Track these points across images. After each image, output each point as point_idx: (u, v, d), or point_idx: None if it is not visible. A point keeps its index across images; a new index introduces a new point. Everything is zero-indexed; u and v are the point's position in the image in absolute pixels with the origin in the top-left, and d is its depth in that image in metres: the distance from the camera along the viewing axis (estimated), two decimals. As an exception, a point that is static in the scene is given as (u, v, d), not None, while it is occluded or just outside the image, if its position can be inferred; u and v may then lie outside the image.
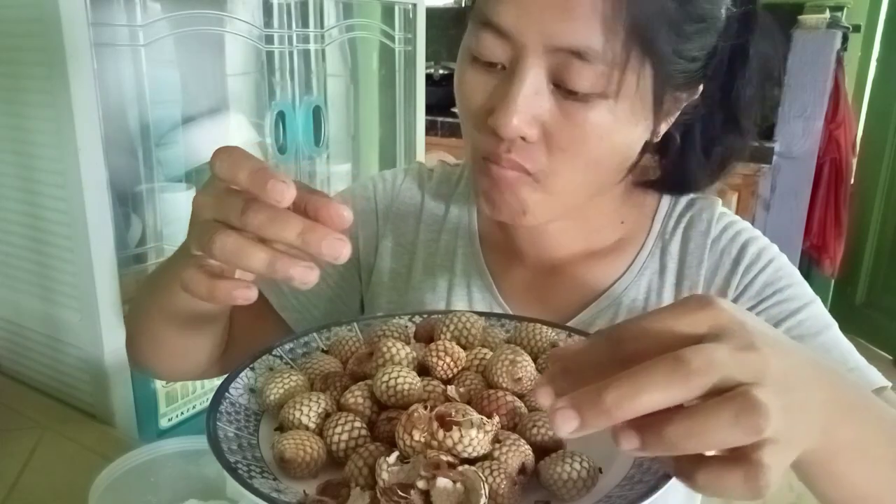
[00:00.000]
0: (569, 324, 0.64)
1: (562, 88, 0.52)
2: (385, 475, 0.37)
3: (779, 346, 0.35)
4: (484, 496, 0.36)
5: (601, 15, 0.49)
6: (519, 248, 0.69)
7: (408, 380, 0.44)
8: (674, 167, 0.65)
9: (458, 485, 0.36)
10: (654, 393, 0.31)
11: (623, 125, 0.54)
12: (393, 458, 0.38)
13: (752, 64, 0.58)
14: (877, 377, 0.60)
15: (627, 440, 0.32)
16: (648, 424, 0.32)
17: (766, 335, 0.34)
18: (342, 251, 0.39)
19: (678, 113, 0.58)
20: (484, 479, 0.37)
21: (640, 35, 0.50)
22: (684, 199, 0.69)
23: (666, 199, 0.69)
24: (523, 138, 0.53)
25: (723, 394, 0.32)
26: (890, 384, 0.59)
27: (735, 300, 0.63)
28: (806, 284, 0.64)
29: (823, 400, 0.37)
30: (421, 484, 0.36)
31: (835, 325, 0.62)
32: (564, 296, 0.66)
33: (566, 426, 0.32)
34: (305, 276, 0.39)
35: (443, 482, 0.36)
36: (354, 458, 0.40)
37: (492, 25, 0.52)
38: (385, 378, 0.44)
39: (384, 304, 0.72)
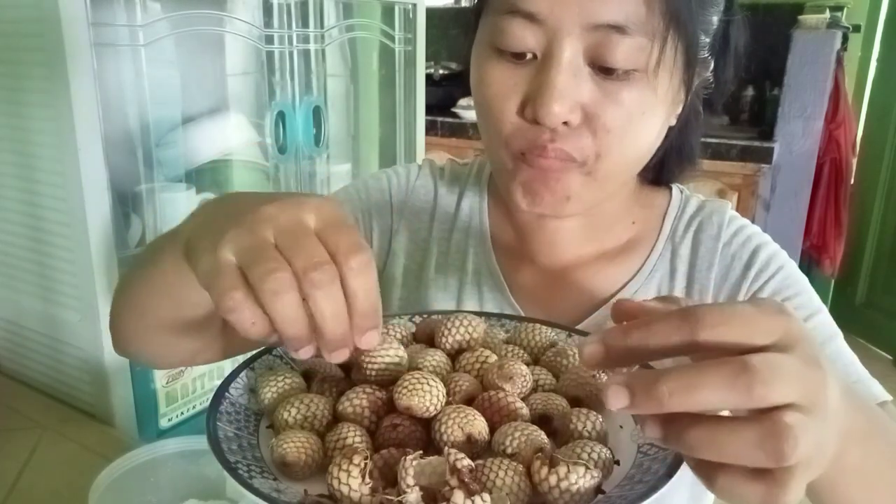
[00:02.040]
0: (580, 325, 0.64)
1: (599, 68, 0.51)
2: (409, 479, 0.36)
3: (832, 368, 0.34)
4: None
5: None
6: (530, 248, 0.68)
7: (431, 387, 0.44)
8: (665, 153, 0.65)
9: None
10: (712, 393, 0.31)
11: (662, 102, 0.54)
12: (416, 456, 0.37)
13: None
14: (879, 391, 0.59)
15: (652, 429, 0.33)
16: (674, 419, 0.32)
17: (824, 354, 0.34)
18: (340, 360, 0.39)
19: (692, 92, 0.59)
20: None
21: (674, 4, 0.50)
22: (694, 201, 0.69)
23: (676, 200, 0.69)
24: (566, 124, 0.52)
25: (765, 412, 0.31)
26: (891, 398, 0.59)
27: None
28: (813, 292, 0.63)
29: (845, 429, 0.36)
30: (453, 481, 0.36)
31: (840, 334, 0.61)
32: (576, 297, 0.66)
33: (616, 402, 0.32)
34: (305, 355, 0.38)
35: (459, 498, 0.35)
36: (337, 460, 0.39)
37: (521, 12, 0.51)
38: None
39: (395, 300, 0.72)
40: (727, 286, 0.64)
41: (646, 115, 0.53)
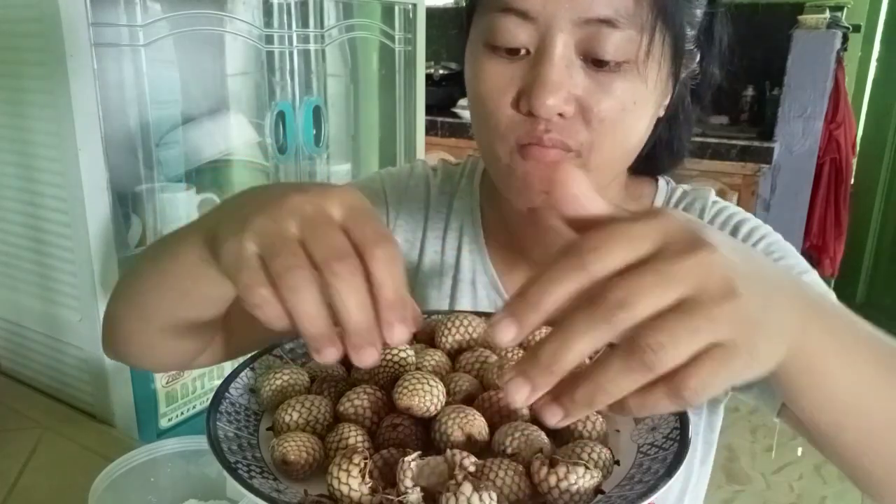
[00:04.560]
0: None
1: (591, 60, 0.52)
2: (408, 481, 0.36)
3: (727, 244, 0.33)
4: None
5: None
6: (524, 245, 0.69)
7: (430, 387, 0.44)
8: (654, 146, 0.65)
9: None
10: (582, 340, 0.31)
11: (652, 93, 0.55)
12: (416, 456, 0.37)
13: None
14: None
15: (552, 414, 0.33)
16: (560, 393, 0.33)
17: (712, 234, 0.33)
18: (369, 361, 0.36)
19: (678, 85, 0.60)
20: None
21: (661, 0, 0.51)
22: (679, 191, 0.71)
23: (662, 190, 0.70)
24: (561, 115, 0.53)
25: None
26: None
27: None
28: (800, 257, 0.64)
29: (791, 301, 0.36)
30: (461, 476, 0.36)
31: (832, 293, 0.61)
32: None
33: (519, 395, 0.32)
34: (329, 356, 0.36)
35: (467, 489, 0.35)
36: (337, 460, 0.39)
37: (514, 10, 0.52)
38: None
39: None
40: None
41: (637, 105, 0.54)
